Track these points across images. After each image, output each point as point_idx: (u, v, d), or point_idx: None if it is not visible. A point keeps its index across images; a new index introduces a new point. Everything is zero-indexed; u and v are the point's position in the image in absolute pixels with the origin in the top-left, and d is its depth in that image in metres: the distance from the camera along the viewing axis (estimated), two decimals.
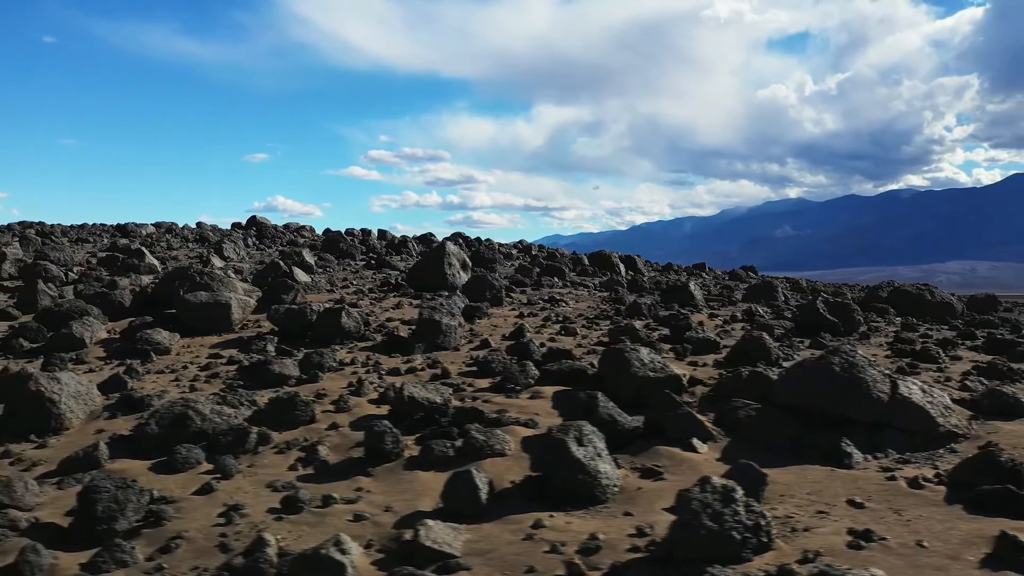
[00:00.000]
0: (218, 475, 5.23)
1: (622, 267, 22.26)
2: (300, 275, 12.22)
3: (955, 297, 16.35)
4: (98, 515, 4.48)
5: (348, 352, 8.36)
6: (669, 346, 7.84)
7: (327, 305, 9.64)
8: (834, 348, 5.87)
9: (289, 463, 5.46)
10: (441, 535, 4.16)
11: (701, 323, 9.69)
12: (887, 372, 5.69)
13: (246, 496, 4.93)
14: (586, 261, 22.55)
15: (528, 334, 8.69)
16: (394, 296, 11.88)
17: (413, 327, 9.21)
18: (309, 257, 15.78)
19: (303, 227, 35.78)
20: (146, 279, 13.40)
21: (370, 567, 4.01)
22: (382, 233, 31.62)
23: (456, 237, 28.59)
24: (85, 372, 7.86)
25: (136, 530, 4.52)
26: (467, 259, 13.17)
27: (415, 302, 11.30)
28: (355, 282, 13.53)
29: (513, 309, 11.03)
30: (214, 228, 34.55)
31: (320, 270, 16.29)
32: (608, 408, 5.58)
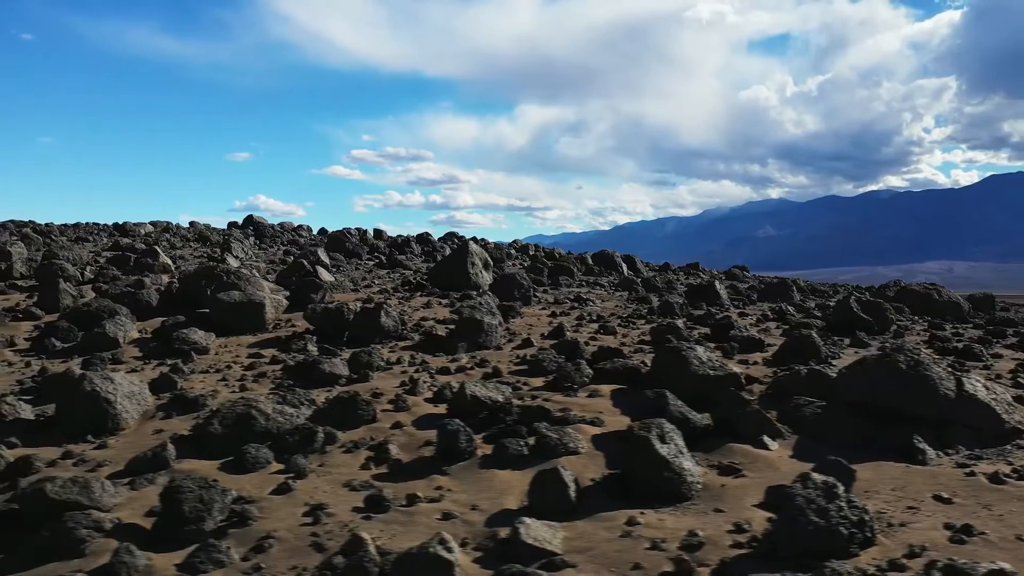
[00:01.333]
0: (291, 475, 5.20)
1: (624, 267, 22.37)
2: (324, 274, 12.16)
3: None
4: (186, 515, 4.44)
5: (390, 351, 8.32)
6: (714, 345, 7.88)
7: (353, 305, 9.60)
8: (898, 346, 5.93)
9: (360, 462, 5.44)
10: (540, 533, 4.16)
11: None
12: (950, 370, 5.75)
13: (325, 496, 4.90)
14: (590, 260, 22.63)
15: (568, 333, 8.70)
16: (420, 296, 11.85)
17: (451, 326, 9.19)
18: (324, 256, 15.70)
19: (300, 226, 35.60)
20: (165, 278, 13.27)
21: (472, 565, 4.01)
22: (378, 233, 31.52)
23: (450, 236, 28.51)
24: (127, 372, 7.78)
25: (223, 530, 4.49)
26: (489, 259, 13.16)
27: (443, 301, 11.28)
28: (376, 281, 13.48)
29: (543, 308, 11.04)
30: (207, 227, 34.29)
31: (334, 270, 16.22)
32: (678, 406, 5.61)
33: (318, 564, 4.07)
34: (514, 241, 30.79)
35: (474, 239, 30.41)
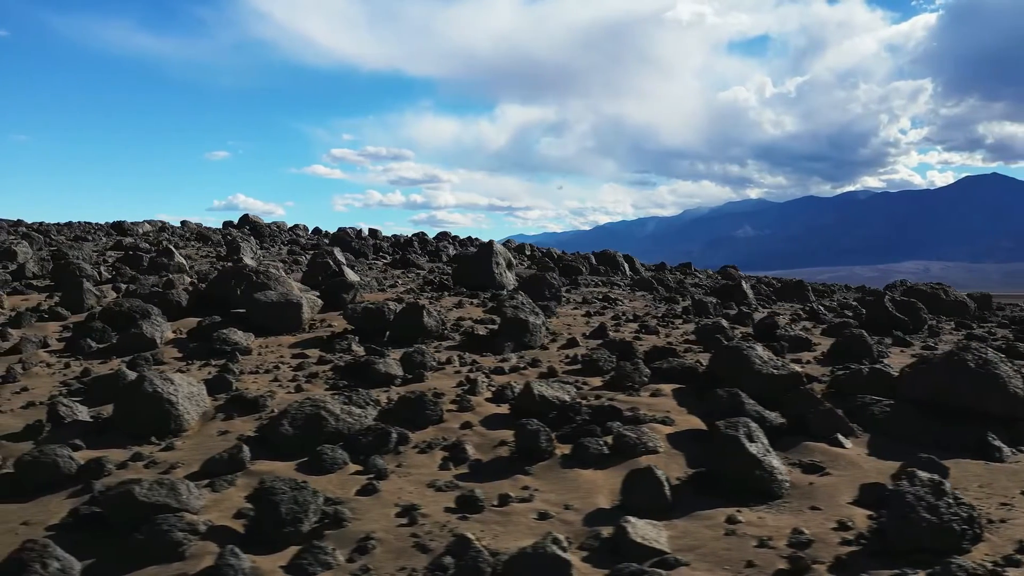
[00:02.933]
0: (372, 475, 5.17)
1: (626, 266, 22.48)
2: (350, 274, 12.10)
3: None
4: (283, 517, 4.41)
5: (436, 351, 8.30)
6: (762, 344, 7.92)
7: (393, 305, 9.55)
8: (964, 345, 6.00)
9: (437, 463, 5.42)
10: (647, 531, 4.17)
11: None
12: (1016, 367, 5.84)
13: (412, 496, 4.88)
14: (593, 260, 22.71)
15: (611, 333, 8.72)
16: (449, 295, 11.82)
17: (491, 326, 9.18)
18: (341, 257, 15.61)
19: (297, 225, 35.39)
20: (187, 278, 13.14)
21: (582, 564, 4.01)
22: (373, 232, 31.40)
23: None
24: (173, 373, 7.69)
25: (318, 532, 4.46)
26: (512, 259, 13.16)
27: (474, 301, 11.27)
28: (400, 281, 13.43)
29: (574, 308, 11.06)
30: (199, 226, 33.97)
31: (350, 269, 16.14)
32: (752, 405, 5.65)
33: (426, 565, 4.05)
34: (508, 240, 30.71)
35: (469, 238, 30.36)
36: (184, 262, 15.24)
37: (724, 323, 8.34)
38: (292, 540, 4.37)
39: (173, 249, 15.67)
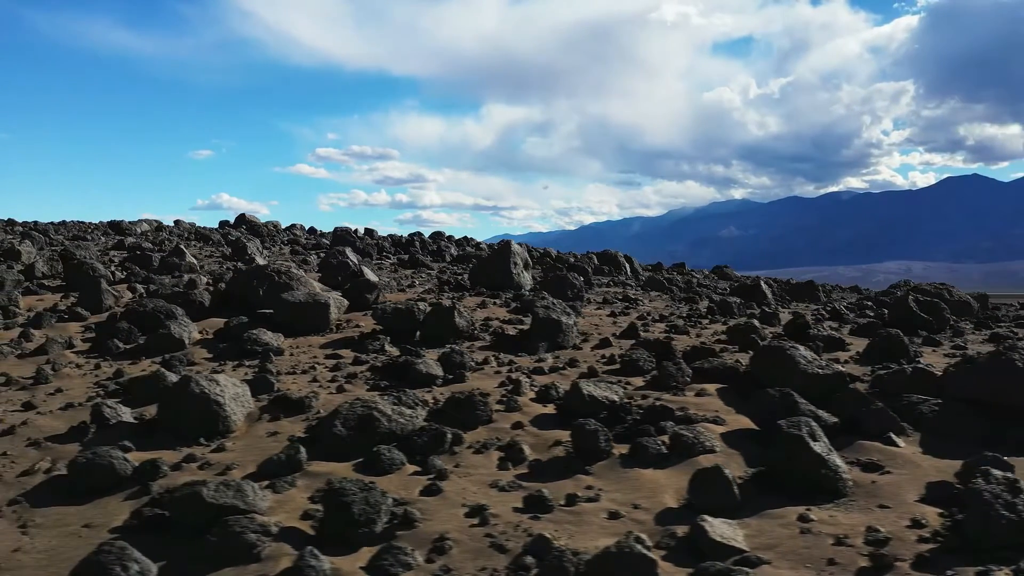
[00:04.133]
0: (432, 476, 5.16)
1: (627, 266, 22.57)
2: (370, 275, 12.07)
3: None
4: (356, 518, 4.40)
5: (470, 351, 8.29)
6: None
7: (424, 305, 9.54)
8: (1010, 344, 6.08)
9: (494, 463, 5.42)
10: (725, 530, 4.20)
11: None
12: None
13: (476, 496, 4.88)
14: (596, 260, 22.77)
15: (641, 333, 8.75)
16: (470, 295, 11.82)
17: (520, 327, 9.19)
18: (354, 257, 15.55)
19: (293, 225, 35.23)
20: (202, 278, 13.05)
21: (663, 563, 4.02)
22: (369, 232, 31.31)
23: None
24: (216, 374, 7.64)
25: (390, 532, 4.45)
26: (528, 259, 13.18)
27: (496, 301, 11.27)
28: (418, 281, 13.41)
29: (598, 308, 11.08)
30: (192, 225, 33.71)
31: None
32: (806, 405, 5.69)
33: (507, 565, 4.06)
34: (478, 244, 30.30)
35: (464, 238, 30.30)
36: (195, 262, 15.13)
37: (756, 323, 8.39)
38: (364, 541, 4.36)
39: (184, 249, 15.55)
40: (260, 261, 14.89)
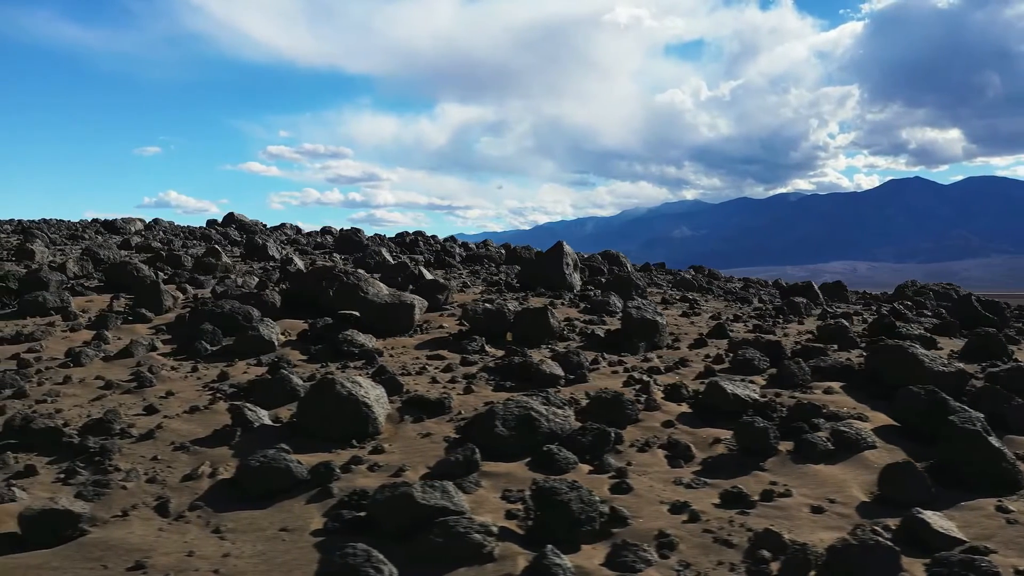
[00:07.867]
0: (613, 475, 5.24)
1: (629, 266, 22.90)
2: (427, 275, 12.04)
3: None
4: (577, 516, 4.45)
5: (574, 353, 8.36)
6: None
7: (502, 305, 9.58)
8: None
9: (662, 460, 5.51)
10: (942, 522, 4.36)
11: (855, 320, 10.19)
12: None
13: (668, 493, 4.97)
14: (599, 260, 23.02)
15: (731, 333, 8.94)
16: (532, 296, 11.88)
17: (604, 327, 9.28)
18: (388, 256, 15.49)
19: (283, 224, 34.73)
20: (240, 280, 12.85)
21: None
22: (356, 231, 31.04)
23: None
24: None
25: (606, 530, 4.51)
26: (578, 260, 13.30)
27: (562, 302, 11.35)
28: (468, 282, 13.42)
29: (666, 308, 11.25)
30: (174, 225, 33.00)
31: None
32: (952, 402, 5.90)
33: (742, 559, 4.16)
34: (450, 238, 30.05)
35: (452, 238, 30.23)
36: (230, 263, 14.88)
37: (845, 322, 8.64)
38: (584, 539, 4.42)
39: (219, 249, 15.27)
40: (299, 263, 14.71)
